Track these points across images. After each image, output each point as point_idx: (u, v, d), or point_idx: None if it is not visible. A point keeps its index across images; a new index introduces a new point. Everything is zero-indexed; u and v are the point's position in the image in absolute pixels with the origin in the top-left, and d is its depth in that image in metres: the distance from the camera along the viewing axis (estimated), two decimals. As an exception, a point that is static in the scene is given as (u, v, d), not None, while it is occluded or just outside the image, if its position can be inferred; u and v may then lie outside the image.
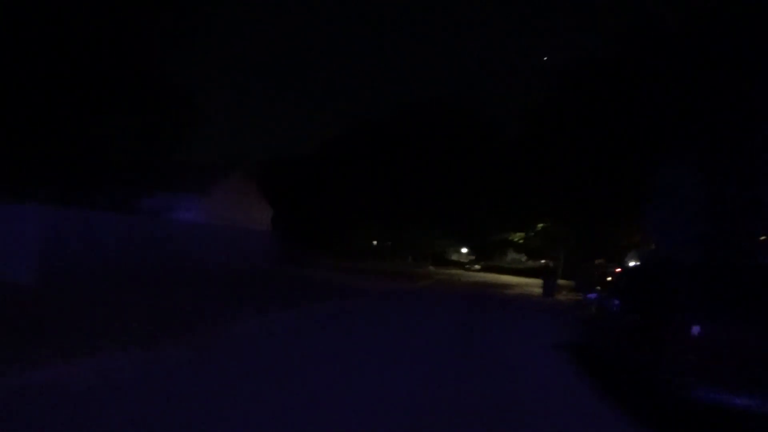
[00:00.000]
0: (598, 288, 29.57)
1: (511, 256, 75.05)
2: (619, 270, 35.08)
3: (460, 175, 47.58)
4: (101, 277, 13.14)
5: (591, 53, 25.03)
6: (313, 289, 16.95)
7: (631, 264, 37.80)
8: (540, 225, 40.83)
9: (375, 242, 55.81)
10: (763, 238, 12.89)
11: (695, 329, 4.89)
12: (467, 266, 59.29)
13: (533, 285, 37.39)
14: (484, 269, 57.89)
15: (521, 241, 49.17)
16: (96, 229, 13.61)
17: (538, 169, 31.75)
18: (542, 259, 64.32)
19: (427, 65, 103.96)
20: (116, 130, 22.54)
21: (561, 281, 30.29)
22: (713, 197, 14.29)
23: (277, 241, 26.44)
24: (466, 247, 67.35)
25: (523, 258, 72.79)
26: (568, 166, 26.77)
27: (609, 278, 32.59)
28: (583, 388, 6.77)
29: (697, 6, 17.09)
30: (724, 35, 14.44)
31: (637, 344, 5.95)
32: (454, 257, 69.58)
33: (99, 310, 8.90)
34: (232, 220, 24.86)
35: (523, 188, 37.37)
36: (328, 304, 13.59)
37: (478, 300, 20.65)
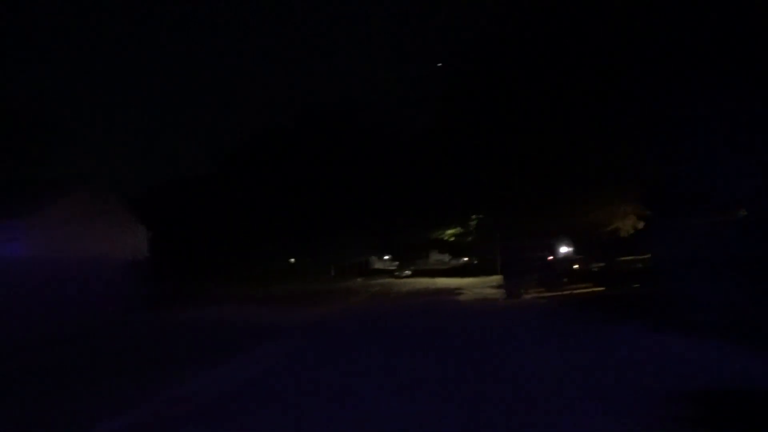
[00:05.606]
0: (565, 280, 25.46)
1: (435, 257, 71.48)
2: (551, 258, 31.32)
3: (371, 179, 44.24)
4: None
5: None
6: (194, 343, 10.68)
7: (564, 250, 34.23)
8: (474, 217, 36.65)
9: (292, 260, 49.14)
10: None
11: None
12: (396, 273, 54.10)
13: (478, 285, 32.86)
14: (414, 274, 53.04)
15: (452, 239, 44.97)
16: None
17: (458, 157, 27.44)
18: (465, 257, 60.93)
19: (317, 71, 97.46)
20: None
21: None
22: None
23: (156, 272, 19.50)
24: (389, 254, 63.04)
25: (446, 258, 69.38)
26: (505, 144, 22.23)
27: (576, 266, 28.69)
28: None
29: None
30: None
31: None
32: (379, 266, 64.96)
33: None
34: (88, 250, 17.72)
35: (443, 182, 33.47)
36: (208, 377, 7.37)
37: (441, 321, 15.20)
